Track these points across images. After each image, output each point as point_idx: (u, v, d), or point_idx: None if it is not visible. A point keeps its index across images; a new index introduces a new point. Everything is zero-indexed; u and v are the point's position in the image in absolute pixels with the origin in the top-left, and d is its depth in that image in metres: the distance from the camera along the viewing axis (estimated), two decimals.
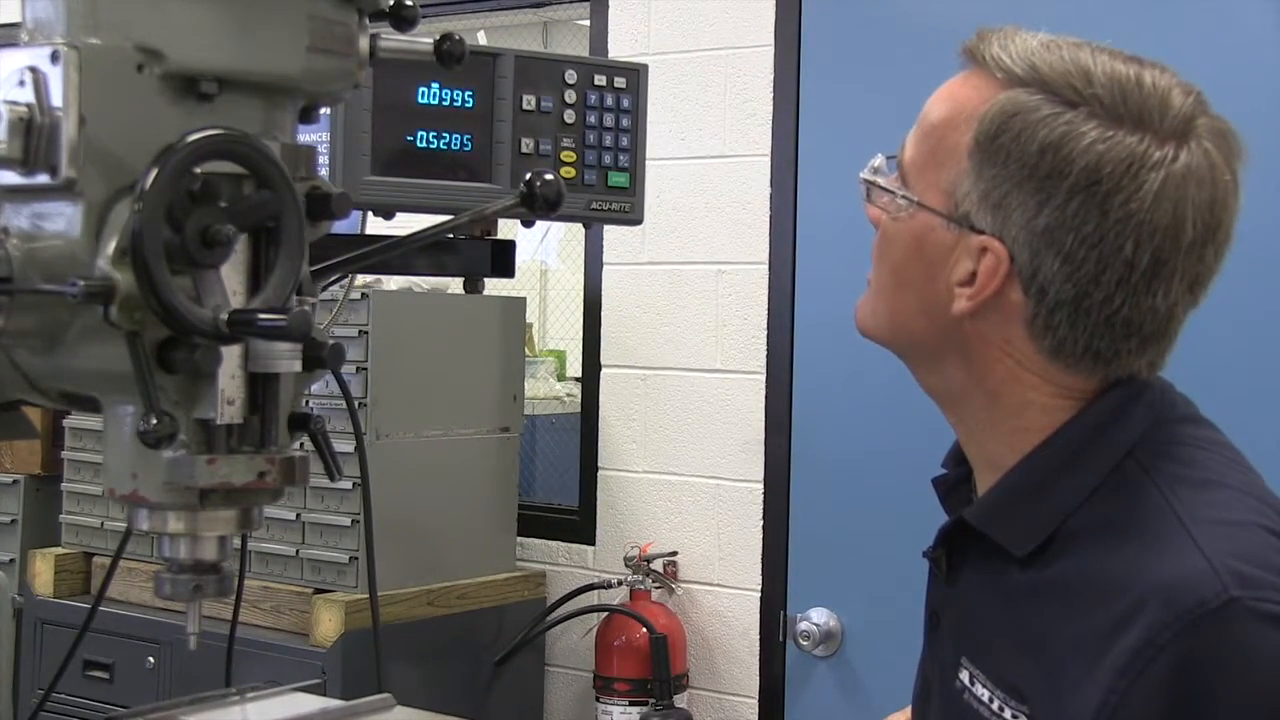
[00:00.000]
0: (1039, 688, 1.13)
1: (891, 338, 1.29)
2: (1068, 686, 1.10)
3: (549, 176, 1.17)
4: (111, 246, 0.92)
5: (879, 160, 1.27)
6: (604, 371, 3.55)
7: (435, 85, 1.49)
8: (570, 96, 1.56)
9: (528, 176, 1.12)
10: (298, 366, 0.98)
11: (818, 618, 3.23)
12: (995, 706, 1.17)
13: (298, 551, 3.12)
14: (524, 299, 3.53)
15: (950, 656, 1.25)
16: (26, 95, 0.92)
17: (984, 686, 1.19)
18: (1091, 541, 1.15)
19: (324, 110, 1.10)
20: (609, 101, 1.59)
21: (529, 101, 1.54)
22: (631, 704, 3.27)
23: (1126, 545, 1.13)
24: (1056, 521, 1.17)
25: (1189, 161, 1.14)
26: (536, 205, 1.20)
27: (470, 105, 1.51)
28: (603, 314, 3.54)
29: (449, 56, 1.11)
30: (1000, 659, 1.18)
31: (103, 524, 3.40)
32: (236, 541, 1.06)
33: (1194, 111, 1.15)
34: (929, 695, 1.34)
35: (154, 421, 0.90)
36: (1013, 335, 1.19)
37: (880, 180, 1.25)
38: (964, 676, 1.22)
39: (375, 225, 1.56)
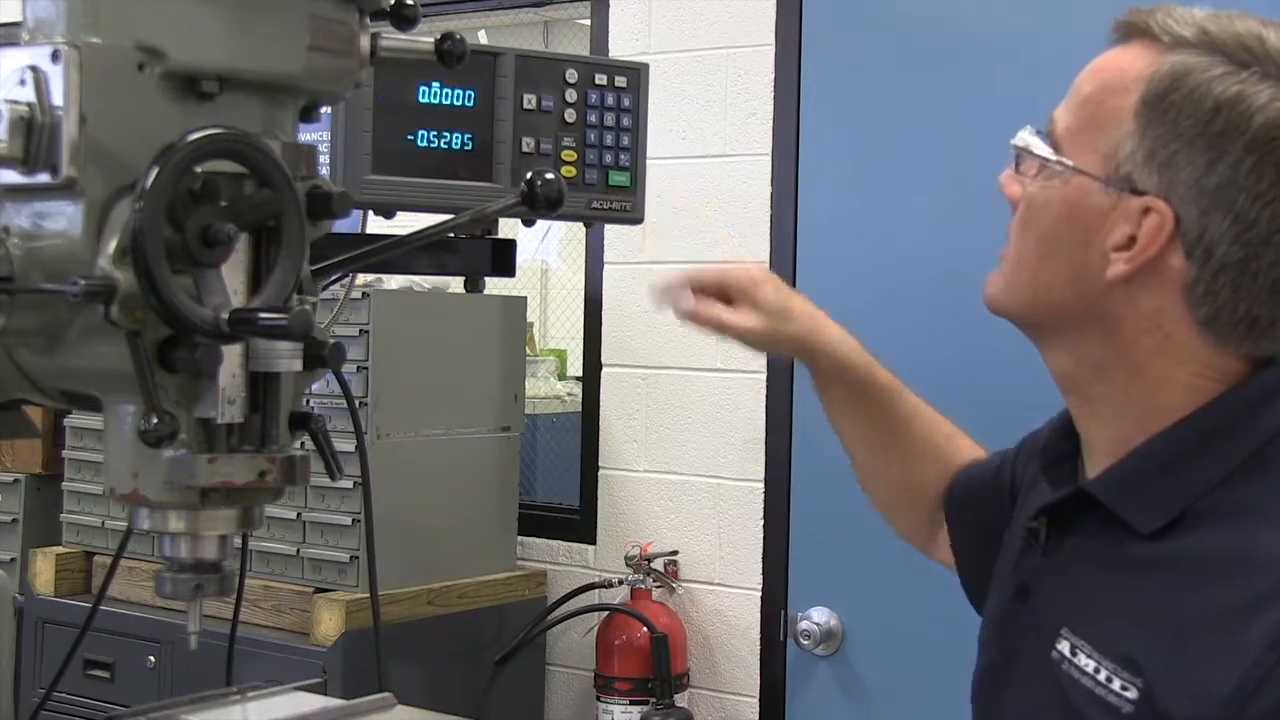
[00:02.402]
0: (1157, 660, 1.12)
1: (1031, 310, 1.26)
2: (1197, 658, 1.10)
3: (550, 176, 1.17)
4: (112, 245, 0.92)
5: (1028, 131, 1.25)
6: (605, 371, 3.55)
7: (436, 84, 1.49)
8: (571, 96, 1.56)
9: (529, 176, 1.12)
10: (298, 366, 0.98)
11: (818, 617, 3.23)
12: (1103, 677, 1.16)
13: (298, 551, 3.12)
14: (524, 298, 3.53)
15: (1046, 627, 1.24)
16: (27, 94, 0.92)
17: (1089, 657, 1.18)
18: (1228, 520, 1.15)
19: (325, 109, 1.10)
20: (610, 101, 1.59)
21: (530, 101, 1.54)
22: (632, 703, 3.27)
23: (1269, 524, 1.13)
24: (1189, 500, 1.17)
25: None
26: (537, 204, 1.20)
27: (471, 104, 1.51)
28: (603, 313, 3.54)
29: (450, 56, 1.11)
30: (1111, 630, 1.17)
31: (104, 523, 3.40)
32: (237, 540, 1.06)
33: None
34: (999, 669, 1.32)
35: (155, 420, 0.90)
36: (1166, 304, 1.18)
37: (1034, 147, 1.23)
38: (1063, 647, 1.21)
39: (376, 224, 1.56)
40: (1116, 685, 1.14)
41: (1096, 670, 1.17)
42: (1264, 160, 1.13)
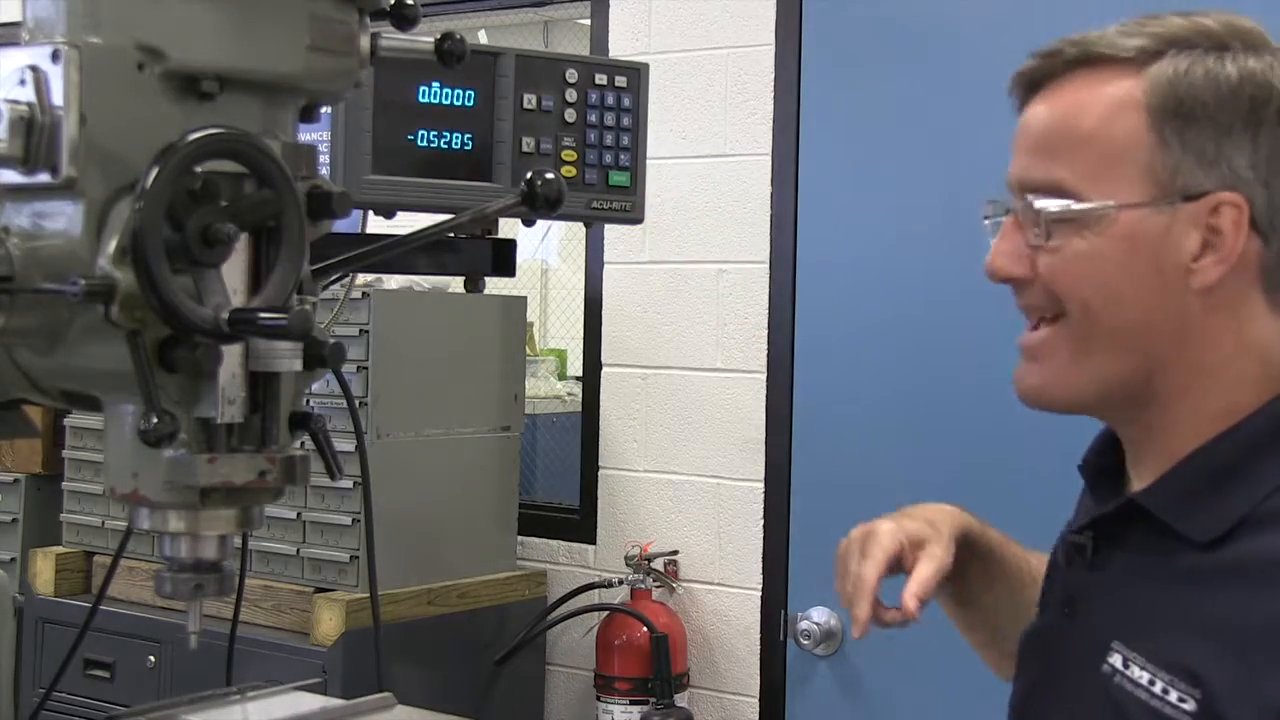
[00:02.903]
0: (1218, 670, 1.10)
1: (1119, 379, 1.22)
2: (1261, 668, 1.08)
3: (550, 175, 1.17)
4: (112, 245, 0.92)
5: (1035, 199, 1.21)
6: (605, 371, 3.55)
7: (436, 84, 1.49)
8: (571, 95, 1.56)
9: (529, 175, 1.12)
10: (298, 365, 0.98)
11: (818, 616, 3.23)
12: (1158, 689, 1.14)
13: (298, 550, 3.12)
14: (525, 298, 3.53)
15: (1096, 641, 1.22)
16: (27, 94, 0.92)
17: (1143, 669, 1.16)
18: None
19: (325, 109, 1.10)
20: (610, 100, 1.59)
21: (530, 100, 1.54)
22: (632, 703, 3.27)
23: None
24: (1249, 506, 1.15)
25: None
26: (537, 204, 1.20)
27: (471, 104, 1.51)
28: (603, 313, 3.54)
29: (450, 55, 1.11)
30: (1167, 642, 1.16)
31: (103, 523, 3.40)
32: (237, 540, 1.06)
33: None
34: (1043, 685, 1.31)
35: (155, 420, 0.90)
36: (1246, 291, 1.19)
37: (1074, 205, 1.19)
38: (1115, 660, 1.19)
39: (376, 224, 1.56)
40: (1173, 697, 1.13)
41: (1151, 682, 1.15)
42: None
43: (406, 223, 1.36)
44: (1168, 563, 1.19)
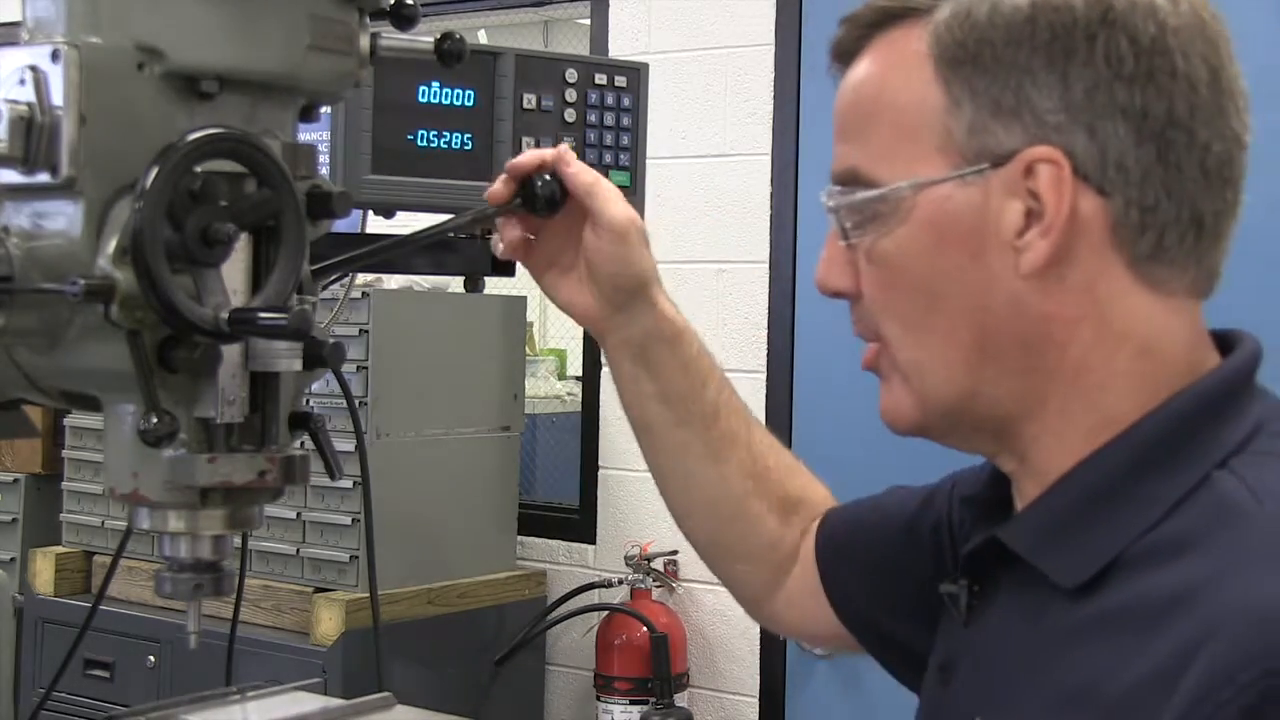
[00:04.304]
0: None
1: (957, 399, 0.99)
2: None
3: (550, 175, 1.17)
4: (112, 245, 0.92)
5: (834, 191, 1.04)
6: (604, 370, 3.55)
7: (436, 84, 1.49)
8: (571, 95, 1.56)
9: (529, 175, 1.12)
10: (298, 365, 0.98)
11: None
12: None
13: (298, 550, 3.12)
14: (524, 298, 3.53)
15: (961, 716, 1.01)
16: (27, 94, 0.92)
17: None
18: (1161, 561, 0.89)
19: (324, 109, 1.10)
20: (610, 100, 1.59)
21: (530, 100, 1.54)
22: (632, 703, 3.27)
23: (1201, 559, 0.87)
24: (1124, 543, 0.92)
25: None
26: (537, 204, 1.20)
27: (471, 104, 1.51)
28: None
29: (450, 55, 1.11)
30: (1031, 717, 0.94)
31: (103, 523, 3.40)
32: (237, 540, 1.07)
33: None
34: None
35: (154, 420, 0.90)
36: (1096, 264, 0.94)
37: (859, 195, 1.00)
38: None
39: (376, 224, 1.56)
40: None
41: None
42: (1111, 37, 0.92)
43: (406, 223, 1.36)
44: (1037, 616, 0.95)
